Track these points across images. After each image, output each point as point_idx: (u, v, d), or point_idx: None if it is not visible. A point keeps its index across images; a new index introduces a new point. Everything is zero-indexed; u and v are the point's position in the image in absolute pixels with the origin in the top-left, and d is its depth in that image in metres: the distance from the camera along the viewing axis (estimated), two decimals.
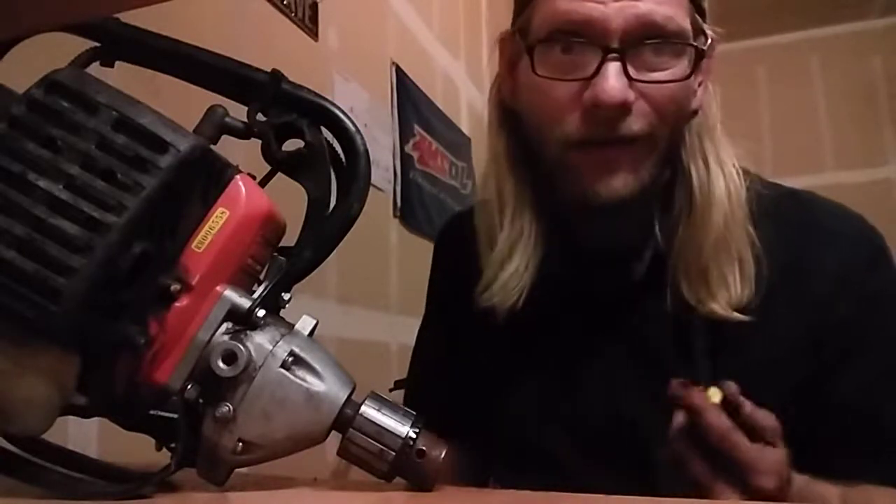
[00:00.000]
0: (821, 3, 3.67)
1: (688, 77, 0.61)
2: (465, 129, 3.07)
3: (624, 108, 0.60)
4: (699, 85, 0.67)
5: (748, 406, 0.53)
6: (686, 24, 0.62)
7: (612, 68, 0.59)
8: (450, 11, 3.09)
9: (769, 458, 0.52)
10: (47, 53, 0.50)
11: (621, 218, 0.65)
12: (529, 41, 0.64)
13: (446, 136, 2.86)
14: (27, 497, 0.41)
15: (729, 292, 0.63)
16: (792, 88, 3.86)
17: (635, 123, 0.61)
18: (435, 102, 2.78)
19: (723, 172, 0.65)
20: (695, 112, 0.67)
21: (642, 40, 0.60)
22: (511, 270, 0.68)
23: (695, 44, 0.62)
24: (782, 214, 0.67)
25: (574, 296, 0.70)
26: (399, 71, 2.46)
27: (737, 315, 0.63)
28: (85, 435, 1.00)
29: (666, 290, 0.66)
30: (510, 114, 0.70)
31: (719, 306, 0.63)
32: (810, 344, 0.65)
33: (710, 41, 0.65)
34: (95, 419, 0.61)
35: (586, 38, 0.60)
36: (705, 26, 0.65)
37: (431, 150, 2.70)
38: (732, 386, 0.54)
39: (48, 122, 0.39)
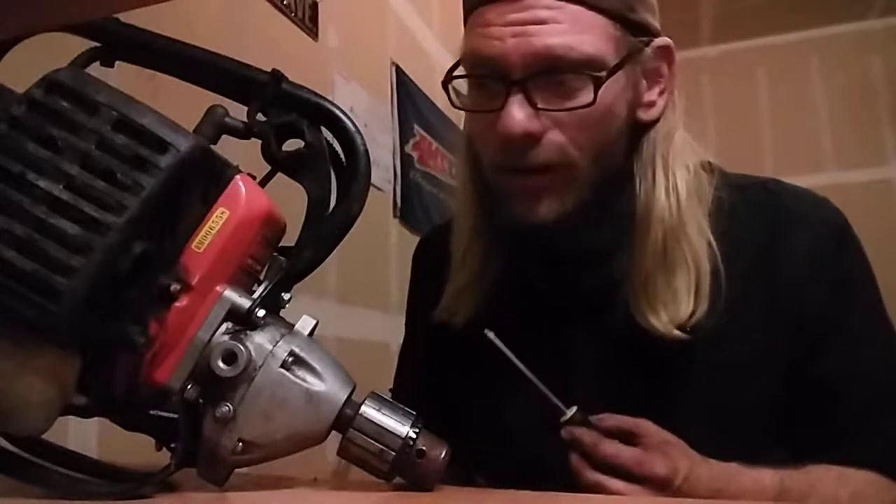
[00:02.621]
0: (821, 3, 3.67)
1: (591, 104, 0.61)
2: None
3: (528, 139, 0.62)
4: (660, 94, 0.67)
5: (606, 421, 0.60)
6: (596, 48, 0.61)
7: (515, 101, 0.61)
8: (450, 11, 3.09)
9: (653, 451, 0.58)
10: (47, 53, 0.50)
11: (563, 235, 0.66)
12: (450, 76, 0.68)
13: (446, 136, 2.85)
14: (27, 497, 0.41)
15: (678, 307, 0.63)
16: (792, 88, 3.86)
17: (543, 153, 0.62)
18: (435, 102, 2.78)
19: (667, 182, 0.65)
20: (653, 122, 0.67)
21: (542, 71, 0.61)
22: (456, 288, 0.71)
23: (593, 73, 0.61)
24: (751, 203, 0.68)
25: (556, 301, 0.71)
26: (399, 71, 2.46)
27: (676, 333, 0.62)
28: (85, 435, 1.00)
29: (617, 301, 0.66)
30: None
31: (659, 323, 0.63)
32: (788, 328, 0.65)
33: (658, 48, 0.66)
34: (95, 419, 0.61)
35: (491, 73, 0.63)
36: (650, 33, 0.65)
37: (431, 150, 2.70)
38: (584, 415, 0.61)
39: (48, 122, 0.39)
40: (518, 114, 0.61)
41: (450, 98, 0.68)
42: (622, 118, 0.65)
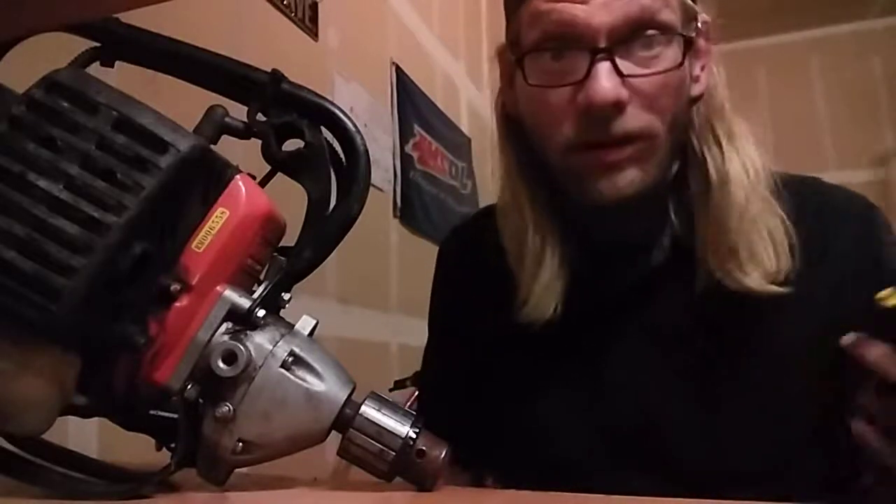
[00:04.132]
0: (821, 3, 3.67)
1: (680, 65, 0.61)
2: (465, 129, 3.07)
3: (618, 107, 0.60)
4: (702, 69, 0.67)
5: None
6: (675, 10, 0.61)
7: (603, 69, 0.59)
8: (450, 11, 3.09)
9: None
10: (47, 53, 0.50)
11: (633, 213, 0.65)
12: (520, 51, 0.64)
13: (446, 136, 2.86)
14: (27, 497, 0.41)
15: (764, 266, 0.62)
16: (792, 88, 3.87)
17: (630, 122, 0.61)
18: (435, 102, 2.78)
19: (737, 150, 0.65)
20: (699, 97, 0.66)
21: (630, 35, 0.60)
22: (544, 283, 0.68)
23: (683, 33, 0.61)
24: (796, 197, 0.67)
25: (594, 293, 0.69)
26: (399, 71, 2.47)
27: (773, 287, 0.61)
28: (85, 435, 1.00)
29: (691, 273, 0.64)
30: (515, 124, 0.70)
31: (752, 280, 0.62)
32: (836, 322, 0.63)
33: (703, 24, 0.65)
34: (95, 419, 0.61)
35: (573, 41, 0.60)
36: (697, 10, 0.65)
37: (431, 150, 2.70)
38: None
39: (48, 122, 0.39)
40: (608, 83, 0.59)
41: (524, 75, 0.63)
42: (688, 89, 0.65)
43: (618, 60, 0.59)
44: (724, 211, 0.64)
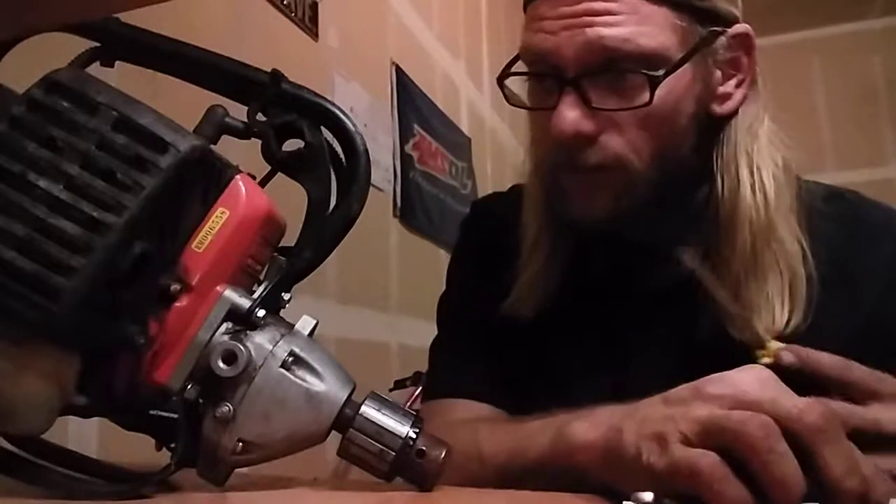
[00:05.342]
0: (821, 3, 3.67)
1: (647, 104, 0.58)
2: (465, 129, 3.07)
3: (579, 139, 0.59)
4: (738, 85, 0.64)
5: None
6: (657, 41, 0.59)
7: (567, 100, 0.59)
8: (450, 11, 3.09)
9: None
10: (47, 53, 0.50)
11: (624, 230, 0.63)
12: (505, 72, 0.66)
13: (446, 136, 2.86)
14: (27, 497, 0.41)
15: (772, 314, 0.59)
16: (792, 88, 3.87)
17: (599, 153, 0.60)
18: (435, 102, 2.78)
19: (753, 180, 0.62)
20: (729, 115, 0.64)
21: (598, 67, 0.59)
22: (525, 279, 0.68)
23: (650, 72, 0.58)
24: (831, 210, 0.65)
25: (620, 292, 0.68)
26: (399, 71, 2.47)
27: (774, 343, 0.58)
28: (85, 435, 1.00)
29: (703, 309, 0.62)
30: None
31: (751, 333, 0.59)
32: (867, 342, 0.61)
33: (735, 36, 0.63)
34: (95, 419, 0.61)
35: (548, 70, 0.61)
36: (715, 28, 0.62)
37: (431, 150, 2.70)
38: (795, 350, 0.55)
39: (48, 122, 0.39)
40: (570, 114, 0.59)
41: (505, 95, 0.66)
42: (688, 115, 0.62)
43: (589, 90, 0.59)
44: (729, 252, 0.61)
